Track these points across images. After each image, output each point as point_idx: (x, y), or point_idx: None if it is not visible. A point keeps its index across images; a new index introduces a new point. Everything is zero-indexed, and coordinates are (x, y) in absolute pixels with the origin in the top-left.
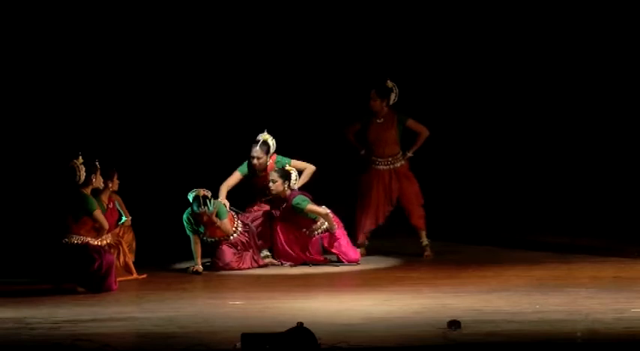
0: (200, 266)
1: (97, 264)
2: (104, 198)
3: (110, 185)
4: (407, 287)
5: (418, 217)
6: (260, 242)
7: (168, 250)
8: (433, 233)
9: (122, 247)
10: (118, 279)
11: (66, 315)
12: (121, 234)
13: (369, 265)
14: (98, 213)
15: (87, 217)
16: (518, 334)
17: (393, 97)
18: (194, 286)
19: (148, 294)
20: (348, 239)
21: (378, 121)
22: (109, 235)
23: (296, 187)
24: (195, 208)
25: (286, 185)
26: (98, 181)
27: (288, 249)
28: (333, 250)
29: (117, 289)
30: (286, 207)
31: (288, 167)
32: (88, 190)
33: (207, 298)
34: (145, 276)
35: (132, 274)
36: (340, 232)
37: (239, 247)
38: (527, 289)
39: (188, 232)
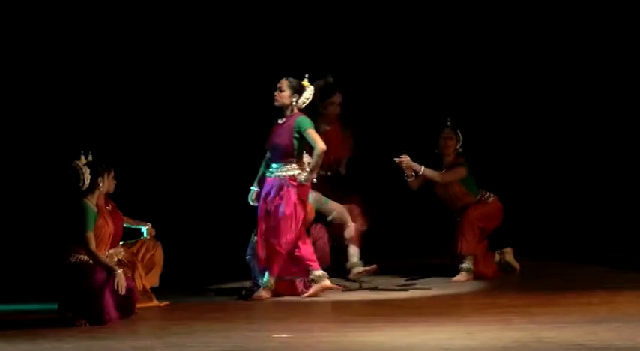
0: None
1: (82, 282)
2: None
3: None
4: (493, 316)
5: None
6: None
7: (197, 271)
8: (526, 251)
9: (138, 268)
10: (138, 305)
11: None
12: (142, 252)
13: (446, 290)
14: (90, 236)
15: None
16: None
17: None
18: (229, 315)
19: (172, 324)
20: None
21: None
22: (122, 249)
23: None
24: None
25: None
26: (107, 186)
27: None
28: None
29: (123, 318)
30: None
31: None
32: (93, 199)
33: (246, 330)
34: (167, 303)
35: (151, 301)
36: None
37: None
38: None
39: None
